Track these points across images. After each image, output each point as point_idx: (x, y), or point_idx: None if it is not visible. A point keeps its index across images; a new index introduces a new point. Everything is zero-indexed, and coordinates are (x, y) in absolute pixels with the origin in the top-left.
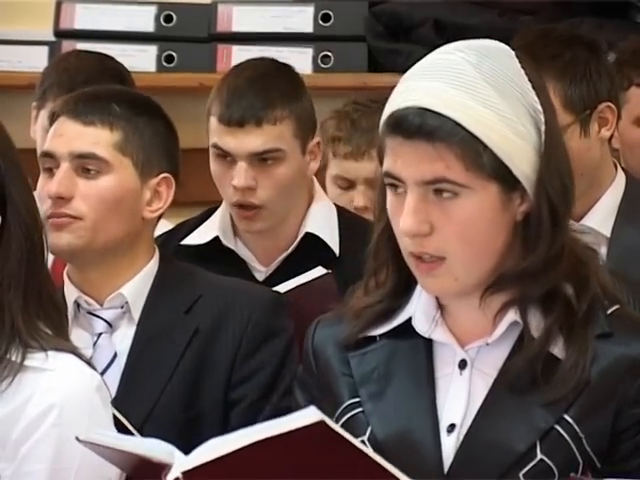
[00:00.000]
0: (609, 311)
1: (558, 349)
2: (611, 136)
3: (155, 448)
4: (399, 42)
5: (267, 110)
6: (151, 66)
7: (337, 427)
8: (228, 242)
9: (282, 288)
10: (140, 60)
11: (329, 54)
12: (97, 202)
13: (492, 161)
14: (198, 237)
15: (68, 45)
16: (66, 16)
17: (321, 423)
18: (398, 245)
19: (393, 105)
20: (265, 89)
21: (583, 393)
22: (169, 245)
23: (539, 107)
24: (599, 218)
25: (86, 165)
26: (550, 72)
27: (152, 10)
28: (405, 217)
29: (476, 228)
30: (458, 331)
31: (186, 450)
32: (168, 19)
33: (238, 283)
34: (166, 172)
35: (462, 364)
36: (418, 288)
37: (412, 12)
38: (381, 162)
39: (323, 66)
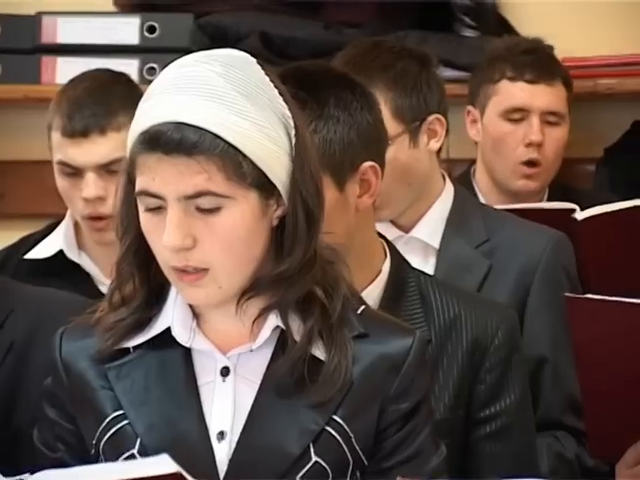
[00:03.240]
0: (359, 311)
1: (320, 351)
2: (439, 148)
3: None
4: None
5: (110, 117)
6: None
7: (191, 478)
8: (72, 255)
9: None
10: None
11: (155, 66)
12: None
13: (252, 170)
14: (41, 251)
15: None
16: None
17: (176, 474)
18: (145, 258)
19: (146, 121)
20: (105, 97)
21: (349, 393)
22: (12, 260)
23: (288, 112)
24: (428, 230)
25: None
26: (381, 82)
27: None
28: (169, 233)
29: (238, 237)
30: (217, 338)
31: (4, 471)
32: None
33: (53, 294)
34: None
35: (224, 371)
36: (172, 298)
37: (238, 24)
38: (130, 179)
39: (149, 78)
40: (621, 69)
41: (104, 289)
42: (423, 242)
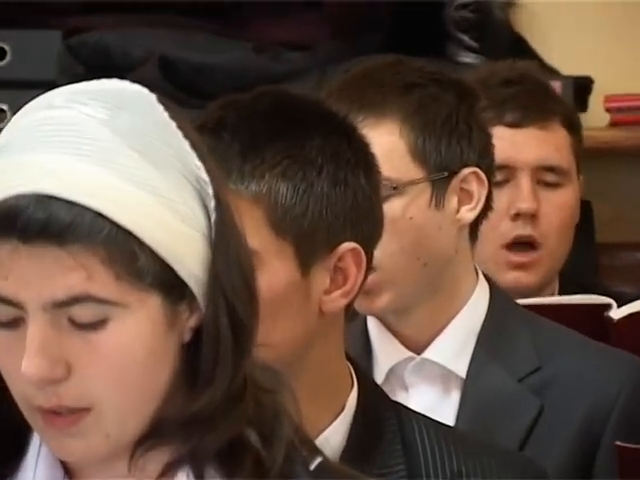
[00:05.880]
0: (312, 466)
1: None
2: (476, 223)
3: None
4: None
5: None
6: None
7: None
8: None
9: None
10: None
11: (4, 107)
12: None
13: (152, 263)
14: None
15: None
16: None
17: None
18: None
19: None
20: None
21: None
22: None
23: (204, 175)
24: (450, 350)
25: None
26: (400, 105)
27: None
28: (29, 358)
29: (133, 362)
30: None
31: None
32: None
33: None
34: None
35: None
36: (34, 448)
37: (129, 46)
38: None
39: None
40: None
41: None
42: (442, 368)
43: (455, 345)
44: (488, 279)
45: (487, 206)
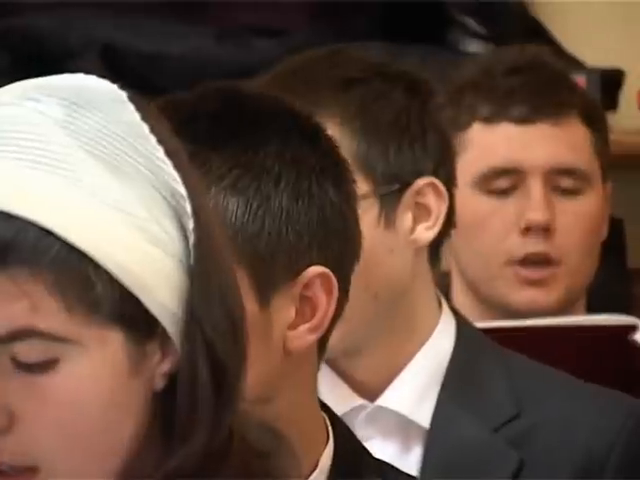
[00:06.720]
0: None
1: None
2: (437, 244)
3: None
4: None
5: None
6: None
7: None
8: None
9: None
10: None
11: None
12: None
13: (111, 291)
14: None
15: None
16: None
17: None
18: None
19: None
20: None
21: None
22: None
23: (181, 189)
24: (410, 395)
25: None
26: (337, 106)
27: None
28: None
29: (88, 412)
30: None
31: None
32: None
33: None
34: None
35: None
36: None
37: (65, 31)
38: None
39: None
40: None
41: None
42: (401, 417)
43: (415, 390)
44: (455, 311)
45: (449, 223)
